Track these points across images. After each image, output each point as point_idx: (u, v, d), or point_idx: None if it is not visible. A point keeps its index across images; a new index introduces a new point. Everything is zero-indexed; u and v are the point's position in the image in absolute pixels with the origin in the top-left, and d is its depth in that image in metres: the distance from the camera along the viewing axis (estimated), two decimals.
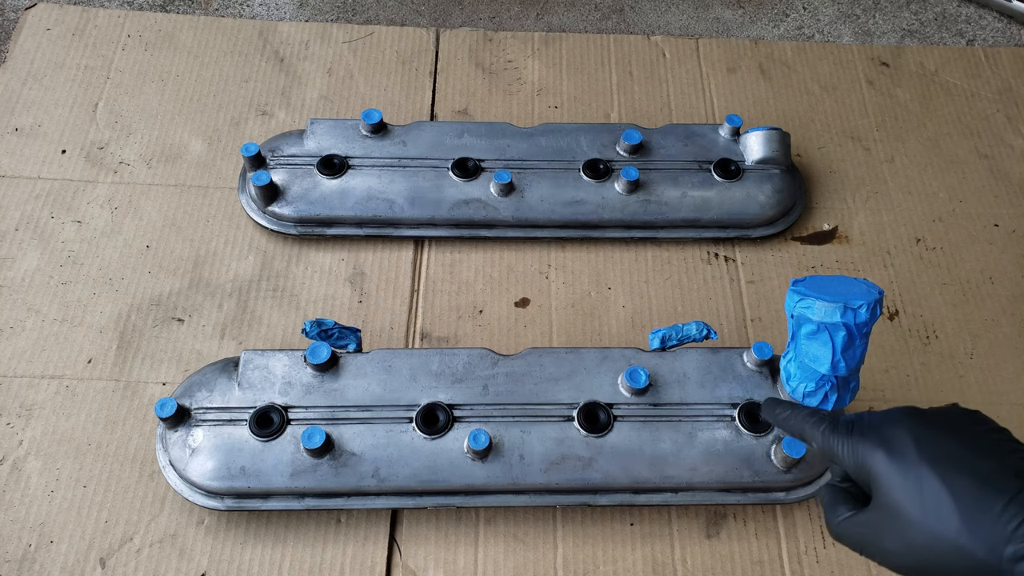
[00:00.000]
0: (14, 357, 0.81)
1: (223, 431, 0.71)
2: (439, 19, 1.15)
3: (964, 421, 0.51)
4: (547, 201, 0.89)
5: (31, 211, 0.90)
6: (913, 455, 0.49)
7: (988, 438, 0.50)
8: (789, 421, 0.58)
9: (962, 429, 0.50)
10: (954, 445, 0.49)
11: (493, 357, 0.77)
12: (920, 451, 0.49)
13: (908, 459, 0.49)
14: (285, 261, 0.89)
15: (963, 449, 0.48)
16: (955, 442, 0.49)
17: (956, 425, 0.51)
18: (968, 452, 0.48)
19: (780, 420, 0.59)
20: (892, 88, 1.07)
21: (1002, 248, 0.94)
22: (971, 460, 0.48)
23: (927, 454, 0.48)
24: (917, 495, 0.48)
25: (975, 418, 0.52)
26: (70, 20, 1.04)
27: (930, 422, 0.51)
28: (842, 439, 0.53)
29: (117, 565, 0.71)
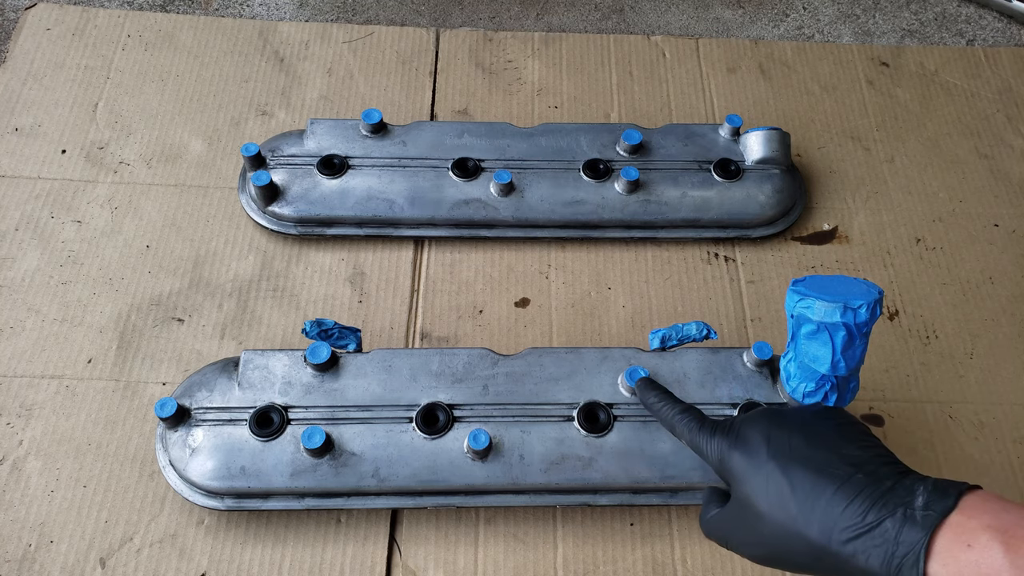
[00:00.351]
0: (14, 357, 0.81)
1: (223, 431, 0.71)
2: (439, 19, 1.15)
3: (817, 418, 0.55)
4: (547, 201, 0.89)
5: (31, 211, 0.90)
6: (764, 453, 0.53)
7: (833, 432, 0.53)
8: (661, 412, 0.62)
9: (810, 426, 0.54)
10: (799, 441, 0.52)
11: (493, 357, 0.77)
12: (769, 449, 0.53)
13: (759, 457, 0.53)
14: (285, 261, 0.89)
15: (806, 444, 0.52)
16: (801, 438, 0.53)
17: (806, 422, 0.54)
18: (809, 446, 0.52)
19: (651, 407, 0.63)
20: (892, 88, 1.07)
21: (1002, 248, 0.94)
22: (810, 453, 0.51)
23: (775, 451, 0.52)
24: (764, 490, 0.52)
25: (829, 414, 0.56)
26: (70, 20, 1.04)
27: (783, 422, 0.54)
28: (706, 438, 0.57)
29: (117, 565, 0.71)
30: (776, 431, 0.54)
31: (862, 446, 0.52)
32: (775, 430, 0.54)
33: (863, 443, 0.52)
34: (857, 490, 0.48)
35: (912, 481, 0.49)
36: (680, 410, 0.61)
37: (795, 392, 0.69)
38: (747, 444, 0.54)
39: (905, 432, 0.81)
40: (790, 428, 0.53)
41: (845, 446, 0.52)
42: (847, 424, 0.54)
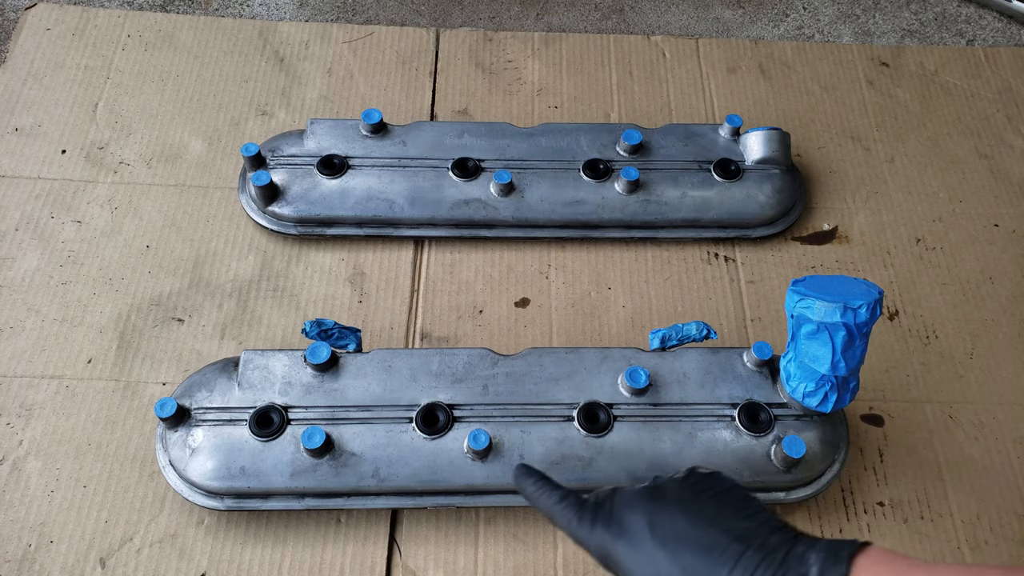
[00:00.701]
0: (14, 357, 0.81)
1: (223, 431, 0.71)
2: (439, 19, 1.15)
3: (695, 492, 0.52)
4: (547, 201, 0.89)
5: (31, 211, 0.90)
6: (648, 540, 0.50)
7: (714, 505, 0.51)
8: (538, 501, 0.58)
9: (690, 502, 0.51)
10: (682, 522, 0.50)
11: (493, 357, 0.77)
12: (653, 534, 0.50)
13: (644, 545, 0.50)
14: (285, 261, 0.89)
15: (690, 524, 0.49)
16: (684, 518, 0.50)
17: (684, 499, 0.52)
18: (693, 526, 0.49)
19: (529, 496, 0.58)
20: (892, 88, 1.07)
21: (1002, 248, 0.94)
22: (696, 534, 0.49)
23: (659, 536, 0.50)
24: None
25: (706, 484, 0.53)
26: (70, 20, 1.04)
27: (662, 502, 0.51)
28: (587, 529, 0.53)
29: (117, 565, 0.71)
30: (658, 514, 0.51)
31: (746, 515, 0.50)
32: (657, 513, 0.51)
33: (746, 512, 0.50)
34: (751, 569, 0.46)
35: (803, 549, 0.47)
36: (558, 498, 0.56)
37: (795, 392, 0.69)
38: (630, 533, 0.51)
39: (905, 432, 0.81)
40: (671, 509, 0.51)
41: (729, 519, 0.49)
42: (726, 492, 0.52)
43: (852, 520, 0.76)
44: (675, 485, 0.53)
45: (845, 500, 0.78)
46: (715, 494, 0.52)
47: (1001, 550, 0.75)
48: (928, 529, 0.76)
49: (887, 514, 0.77)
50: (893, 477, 0.79)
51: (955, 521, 0.77)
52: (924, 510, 0.77)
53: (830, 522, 0.76)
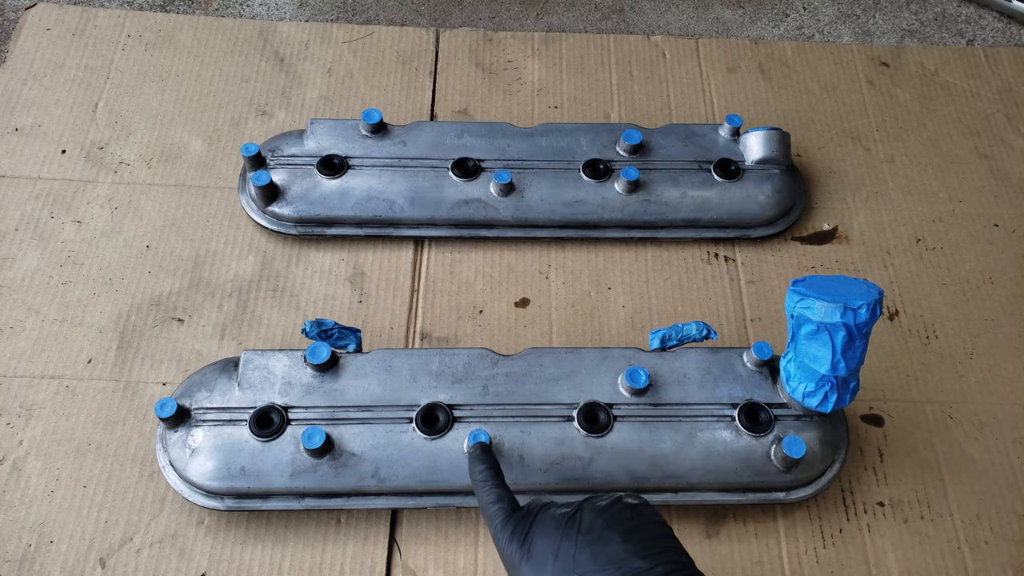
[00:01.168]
0: (14, 357, 0.81)
1: (223, 431, 0.71)
2: (439, 19, 1.15)
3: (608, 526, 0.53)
4: (547, 201, 0.89)
5: (31, 211, 0.90)
6: (549, 568, 0.52)
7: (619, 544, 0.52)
8: (478, 490, 0.61)
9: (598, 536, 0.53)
10: (585, 557, 0.51)
11: (493, 357, 0.77)
12: (555, 565, 0.52)
13: (544, 571, 0.52)
14: (285, 261, 0.89)
15: (591, 559, 0.51)
16: (587, 554, 0.52)
17: (596, 530, 0.53)
18: (594, 561, 0.51)
19: (473, 480, 0.61)
20: (892, 88, 1.07)
21: (1002, 248, 0.94)
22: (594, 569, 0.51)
23: (561, 568, 0.52)
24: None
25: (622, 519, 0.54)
26: (70, 20, 1.04)
27: (573, 533, 0.53)
28: (505, 540, 0.56)
29: (117, 565, 0.71)
30: (565, 546, 0.52)
31: (647, 555, 0.51)
32: (564, 544, 0.53)
33: (650, 551, 0.51)
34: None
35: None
36: (494, 498, 0.59)
37: (795, 392, 0.69)
38: (536, 559, 0.53)
39: (905, 432, 0.81)
40: (580, 541, 0.52)
41: (628, 558, 0.51)
42: (638, 528, 0.53)
43: (852, 520, 0.76)
44: (592, 515, 0.54)
45: (845, 500, 0.78)
46: (627, 529, 0.53)
47: (1001, 550, 0.75)
48: (928, 529, 0.76)
49: (887, 514, 0.77)
50: (893, 477, 0.79)
51: (955, 521, 0.77)
52: (924, 510, 0.77)
53: (830, 522, 0.76)
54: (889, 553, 0.75)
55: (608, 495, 0.56)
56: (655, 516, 0.55)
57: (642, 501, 0.56)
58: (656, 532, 0.53)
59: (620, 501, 0.55)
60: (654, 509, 0.56)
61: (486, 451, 0.64)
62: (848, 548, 0.75)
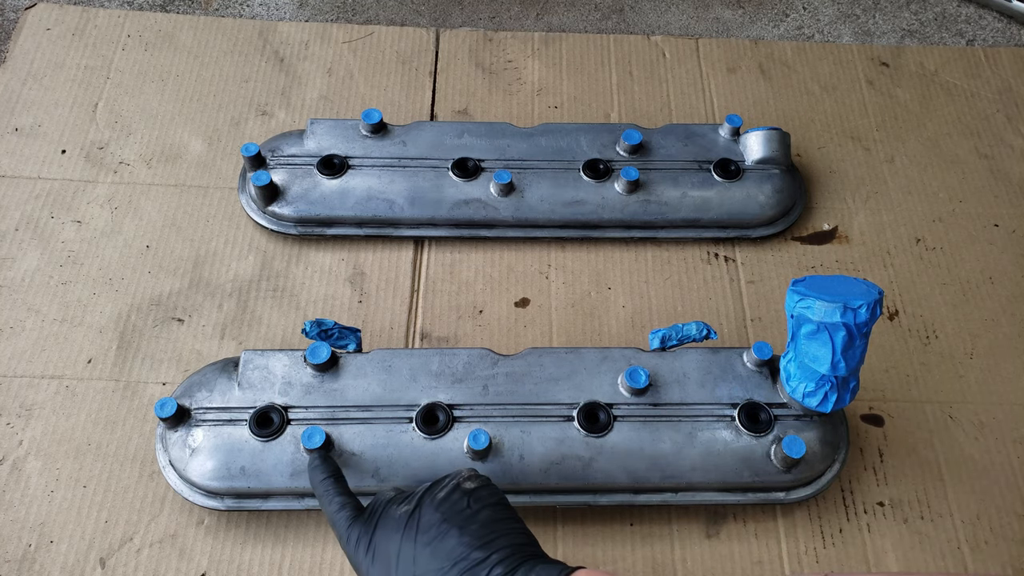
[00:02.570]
0: (14, 357, 0.81)
1: (223, 431, 0.71)
2: (439, 19, 1.15)
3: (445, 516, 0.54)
4: (547, 201, 0.89)
5: (31, 211, 0.90)
6: (392, 572, 0.53)
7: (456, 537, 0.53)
8: (321, 497, 0.61)
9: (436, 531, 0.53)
10: (424, 555, 0.53)
11: (493, 357, 0.77)
12: (398, 568, 0.53)
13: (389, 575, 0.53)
14: (285, 261, 0.89)
15: (430, 556, 0.52)
16: (426, 551, 0.53)
17: (434, 525, 0.54)
18: (433, 558, 0.52)
19: (315, 488, 0.62)
20: (892, 88, 1.07)
21: (1002, 248, 0.94)
22: (432, 566, 0.52)
23: (402, 570, 0.53)
24: None
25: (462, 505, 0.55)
26: (70, 20, 1.04)
27: (414, 530, 0.54)
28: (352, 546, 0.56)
29: (117, 565, 0.71)
30: (405, 547, 0.53)
31: (486, 543, 0.52)
32: (405, 546, 0.53)
33: (489, 537, 0.52)
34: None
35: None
36: (338, 506, 0.59)
37: (795, 392, 0.69)
38: (380, 564, 0.54)
39: (905, 432, 0.81)
40: (418, 541, 0.53)
41: (467, 549, 0.52)
42: (477, 513, 0.54)
43: (852, 520, 0.76)
44: (431, 511, 0.55)
45: (845, 500, 0.78)
46: (464, 520, 0.54)
47: (1001, 550, 0.75)
48: (928, 529, 0.76)
49: (887, 514, 0.77)
50: (893, 477, 0.79)
51: (955, 521, 0.77)
52: (924, 510, 0.77)
53: (830, 522, 0.76)
54: (889, 553, 0.75)
55: (448, 480, 0.57)
56: (492, 498, 0.56)
57: (481, 483, 0.57)
58: (493, 517, 0.54)
59: (458, 489, 0.56)
60: (493, 489, 0.57)
61: (325, 459, 0.63)
62: (848, 548, 0.75)
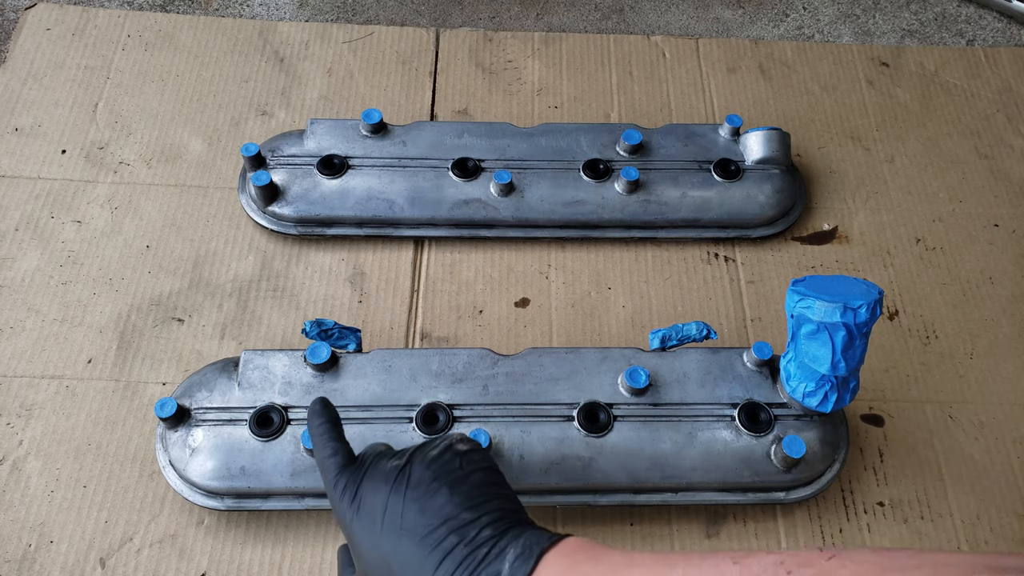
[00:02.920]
0: (14, 357, 0.81)
1: (223, 431, 0.71)
2: (439, 19, 1.15)
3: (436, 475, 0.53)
4: (547, 201, 0.89)
5: (31, 211, 0.90)
6: (378, 527, 0.51)
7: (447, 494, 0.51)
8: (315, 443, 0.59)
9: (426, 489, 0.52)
10: (412, 510, 0.51)
11: (493, 357, 0.77)
12: (384, 523, 0.51)
13: (374, 531, 0.51)
14: (285, 261, 0.89)
15: (419, 513, 0.50)
16: (415, 508, 0.51)
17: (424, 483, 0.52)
18: (421, 514, 0.50)
19: (312, 431, 0.60)
20: (892, 88, 1.07)
21: (1002, 248, 0.94)
22: (422, 523, 0.50)
23: (388, 525, 0.51)
24: (376, 566, 0.51)
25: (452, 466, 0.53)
26: (70, 20, 1.04)
27: (403, 486, 0.52)
28: (337, 498, 0.55)
29: (117, 565, 0.71)
30: (393, 500, 0.52)
31: (476, 504, 0.51)
32: (392, 499, 0.52)
33: (478, 499, 0.51)
34: (455, 563, 0.48)
35: (508, 543, 0.48)
36: (330, 452, 0.57)
37: (795, 392, 0.69)
38: (365, 516, 0.52)
39: (905, 432, 0.81)
40: (409, 495, 0.52)
41: (457, 509, 0.50)
42: (469, 475, 0.53)
43: (852, 520, 0.76)
44: (422, 468, 0.53)
45: (845, 500, 0.78)
46: (455, 480, 0.52)
47: (1001, 550, 0.75)
48: (928, 529, 0.76)
49: (887, 514, 0.77)
50: (893, 477, 0.79)
51: (955, 521, 0.77)
52: (924, 510, 0.77)
53: (830, 522, 0.76)
54: None
55: (440, 441, 0.56)
56: (485, 462, 0.55)
57: (473, 447, 0.56)
58: (484, 480, 0.53)
59: (450, 449, 0.55)
60: (484, 454, 0.56)
61: (326, 405, 0.62)
62: None
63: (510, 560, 0.47)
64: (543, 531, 0.50)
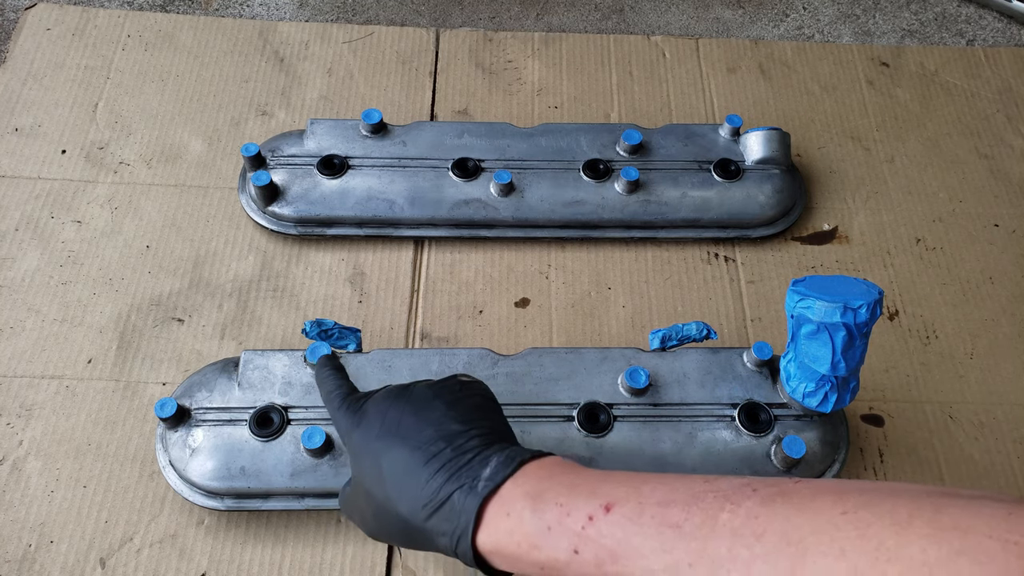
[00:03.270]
0: (14, 357, 0.81)
1: (223, 431, 0.71)
2: (439, 19, 1.15)
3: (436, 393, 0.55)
4: (547, 201, 0.89)
5: (31, 211, 0.90)
6: (375, 432, 0.53)
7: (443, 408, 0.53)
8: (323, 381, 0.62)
9: (426, 403, 0.54)
10: (410, 419, 0.52)
11: (493, 357, 0.77)
12: (381, 427, 0.53)
13: (370, 436, 0.53)
14: (285, 261, 0.89)
15: (416, 422, 0.52)
16: (413, 418, 0.52)
17: (425, 399, 0.54)
18: (418, 423, 0.52)
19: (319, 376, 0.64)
20: (892, 88, 1.07)
21: (1002, 248, 0.94)
22: (416, 430, 0.52)
23: (384, 431, 0.52)
24: (367, 467, 0.52)
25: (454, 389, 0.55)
26: (70, 20, 1.04)
27: (403, 400, 0.54)
28: (341, 415, 0.57)
29: (117, 565, 0.71)
30: (393, 410, 0.54)
31: (466, 419, 0.52)
32: (392, 409, 0.54)
33: (470, 417, 0.53)
34: (440, 464, 0.49)
35: (492, 452, 0.50)
36: (335, 385, 0.61)
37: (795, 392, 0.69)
38: (364, 424, 0.54)
39: (905, 432, 0.81)
40: (409, 407, 0.53)
41: (449, 422, 0.52)
42: (466, 398, 0.55)
43: None
44: (424, 388, 0.55)
45: None
46: (453, 399, 0.54)
47: None
48: None
49: None
50: (893, 477, 0.79)
51: None
52: None
53: None
54: None
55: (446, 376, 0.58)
56: (485, 392, 0.57)
57: (476, 380, 0.58)
58: (480, 404, 0.55)
59: (454, 378, 0.57)
60: (486, 388, 0.58)
61: (331, 358, 0.66)
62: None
63: (492, 466, 0.48)
64: (528, 450, 0.51)
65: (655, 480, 0.44)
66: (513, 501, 0.46)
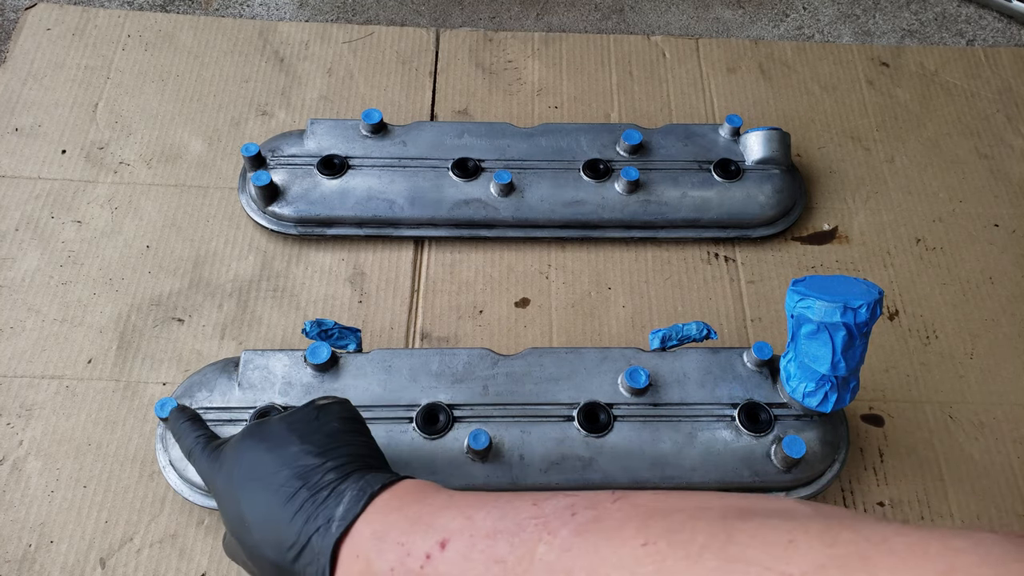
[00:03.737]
0: (14, 357, 0.81)
1: (223, 431, 0.71)
2: (439, 19, 1.15)
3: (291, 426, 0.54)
4: (547, 201, 0.89)
5: (31, 211, 0.90)
6: (235, 478, 0.53)
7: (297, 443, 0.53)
8: (181, 434, 0.62)
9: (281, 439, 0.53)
10: (268, 460, 0.52)
11: (493, 357, 0.77)
12: (240, 473, 0.53)
13: (231, 482, 0.53)
14: (285, 261, 0.89)
15: (273, 461, 0.52)
16: (269, 457, 0.52)
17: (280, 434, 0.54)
18: (275, 463, 0.52)
19: (175, 429, 0.63)
20: (892, 88, 1.07)
21: (1002, 248, 0.94)
22: (273, 470, 0.51)
23: (243, 474, 0.52)
24: (234, 515, 0.52)
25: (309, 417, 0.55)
26: (70, 20, 1.04)
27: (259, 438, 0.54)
28: (205, 460, 0.57)
29: (117, 565, 0.71)
30: (250, 452, 0.54)
31: (322, 450, 0.52)
32: (249, 452, 0.54)
33: (325, 447, 0.52)
34: (298, 505, 0.49)
35: (347, 487, 0.50)
36: (193, 437, 0.61)
37: (795, 392, 0.69)
38: (224, 470, 0.54)
39: (905, 432, 0.81)
40: (261, 447, 0.53)
41: (304, 457, 0.52)
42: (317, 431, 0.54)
43: None
44: (278, 423, 0.55)
45: (845, 500, 0.78)
46: (307, 431, 0.54)
47: None
48: None
49: (887, 514, 0.77)
50: (893, 477, 0.79)
51: (955, 521, 0.77)
52: (924, 510, 0.77)
53: None
54: None
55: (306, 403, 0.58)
56: (343, 413, 0.56)
57: (334, 401, 0.57)
58: (337, 429, 0.55)
59: (310, 405, 0.57)
60: (347, 406, 0.57)
61: (185, 409, 0.66)
62: None
63: (345, 503, 0.48)
64: (384, 474, 0.51)
65: (490, 504, 0.45)
66: (362, 542, 0.47)
